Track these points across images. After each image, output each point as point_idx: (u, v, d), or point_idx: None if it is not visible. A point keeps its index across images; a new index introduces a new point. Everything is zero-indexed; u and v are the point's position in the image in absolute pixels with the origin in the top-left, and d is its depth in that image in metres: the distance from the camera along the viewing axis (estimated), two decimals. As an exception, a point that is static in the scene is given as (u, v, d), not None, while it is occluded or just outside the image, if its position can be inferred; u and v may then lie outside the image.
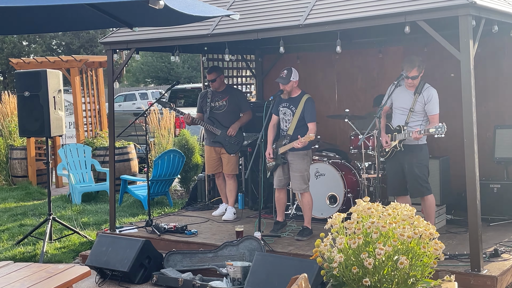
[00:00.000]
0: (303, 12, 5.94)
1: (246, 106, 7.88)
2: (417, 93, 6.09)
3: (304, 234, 6.56)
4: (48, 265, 4.95)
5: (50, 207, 7.49)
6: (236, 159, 7.80)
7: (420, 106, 6.07)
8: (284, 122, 6.72)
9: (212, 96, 7.79)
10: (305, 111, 6.55)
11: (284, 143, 6.61)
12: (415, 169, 6.09)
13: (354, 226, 4.05)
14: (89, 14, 5.02)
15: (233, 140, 7.66)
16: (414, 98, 6.08)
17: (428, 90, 6.07)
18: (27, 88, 7.27)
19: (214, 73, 7.77)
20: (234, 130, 7.64)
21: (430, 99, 6.03)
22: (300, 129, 6.53)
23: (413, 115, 6.10)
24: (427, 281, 4.03)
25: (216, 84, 7.77)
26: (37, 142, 11.89)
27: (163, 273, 5.97)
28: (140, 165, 11.87)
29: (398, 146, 6.11)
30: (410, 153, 6.10)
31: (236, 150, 7.71)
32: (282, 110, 6.72)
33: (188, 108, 15.68)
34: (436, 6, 5.20)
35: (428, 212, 6.15)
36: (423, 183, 6.11)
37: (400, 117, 6.18)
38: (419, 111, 6.09)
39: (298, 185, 6.61)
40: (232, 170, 7.76)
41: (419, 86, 6.11)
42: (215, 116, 7.74)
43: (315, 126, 6.55)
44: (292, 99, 6.65)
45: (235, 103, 7.75)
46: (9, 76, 33.17)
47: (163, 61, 32.67)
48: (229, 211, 7.70)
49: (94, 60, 11.97)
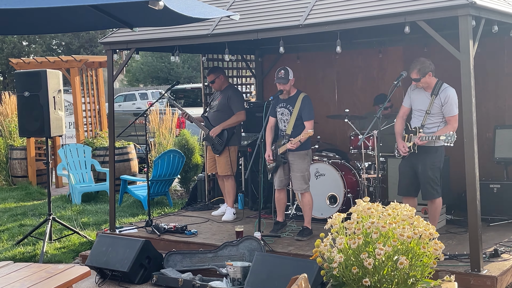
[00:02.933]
0: (303, 12, 5.94)
1: (236, 106, 7.62)
2: (434, 94, 5.95)
3: (304, 234, 6.55)
4: (48, 265, 4.95)
5: (50, 207, 7.49)
6: (226, 160, 7.62)
7: (437, 108, 5.94)
8: (282, 122, 6.71)
9: (214, 95, 7.86)
10: (302, 109, 6.54)
11: (283, 143, 6.61)
12: (428, 171, 5.98)
13: (354, 226, 4.05)
14: (89, 15, 5.01)
15: (216, 140, 7.57)
16: (431, 100, 5.96)
17: (445, 91, 5.92)
18: (27, 88, 7.27)
19: (211, 74, 7.76)
20: (215, 132, 7.54)
21: (447, 100, 5.88)
22: (299, 128, 6.53)
23: (429, 117, 5.97)
24: (427, 281, 4.03)
25: (216, 85, 7.76)
26: (37, 142, 11.90)
27: (163, 273, 5.97)
28: (140, 165, 11.88)
29: (412, 148, 5.99)
30: (425, 154, 5.99)
31: (220, 151, 7.57)
32: (279, 111, 6.71)
33: (188, 108, 15.71)
34: (436, 6, 5.20)
35: (434, 214, 6.12)
36: (434, 186, 6.02)
37: (418, 119, 6.07)
38: (436, 113, 5.96)
39: (299, 185, 6.61)
40: (223, 171, 7.63)
41: (436, 87, 5.97)
42: (208, 115, 7.78)
43: (311, 124, 6.52)
44: (289, 99, 6.66)
45: (224, 103, 7.61)
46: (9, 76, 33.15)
47: (163, 61, 32.65)
48: (229, 212, 7.68)
49: (94, 60, 11.97)
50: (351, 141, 7.50)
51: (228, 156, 7.63)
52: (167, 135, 11.15)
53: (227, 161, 7.63)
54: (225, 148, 7.58)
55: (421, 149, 5.99)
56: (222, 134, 7.57)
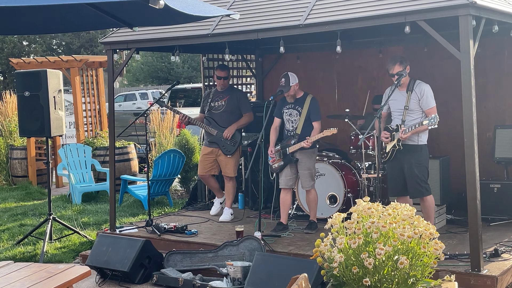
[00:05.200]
0: (303, 12, 5.94)
1: (246, 107, 7.68)
2: (409, 90, 6.09)
3: (312, 228, 6.81)
4: (48, 265, 4.95)
5: (50, 207, 7.49)
6: (235, 161, 7.61)
7: (415, 103, 6.06)
8: (290, 122, 6.83)
9: (213, 96, 7.72)
10: (310, 110, 6.73)
11: (293, 142, 6.72)
12: (414, 169, 6.08)
13: (354, 226, 4.05)
14: (89, 14, 5.02)
15: (228, 141, 7.50)
16: (407, 96, 6.08)
17: (420, 85, 6.07)
18: (27, 88, 7.27)
19: (226, 71, 7.68)
20: (230, 132, 7.47)
21: (423, 94, 6.02)
22: (307, 128, 6.73)
23: (409, 113, 6.09)
24: (427, 281, 4.03)
25: (225, 83, 7.64)
26: (37, 142, 11.90)
27: (163, 273, 5.98)
28: (140, 165, 11.88)
29: (397, 145, 6.10)
30: (410, 153, 6.10)
31: (232, 152, 7.52)
32: (287, 112, 6.83)
33: (189, 108, 15.72)
34: (436, 6, 5.20)
35: (428, 213, 6.15)
36: (422, 184, 6.10)
37: (398, 117, 6.19)
38: (415, 108, 6.07)
39: (307, 182, 6.78)
40: (231, 172, 7.60)
41: (410, 84, 6.10)
42: (213, 116, 7.64)
43: (320, 124, 6.73)
44: (297, 100, 6.81)
45: (234, 103, 7.59)
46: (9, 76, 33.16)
47: (163, 61, 32.65)
48: (226, 212, 7.65)
49: (94, 60, 11.97)
50: (351, 141, 7.51)
51: (238, 157, 7.67)
52: (168, 134, 11.15)
53: (236, 162, 7.63)
54: (237, 149, 7.59)
55: (406, 148, 6.08)
56: (234, 135, 7.53)
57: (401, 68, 6.04)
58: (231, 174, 7.62)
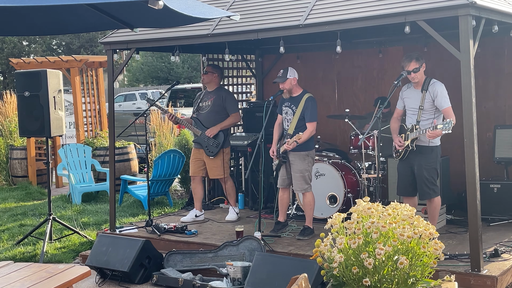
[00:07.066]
0: (303, 12, 5.94)
1: (232, 108, 7.51)
2: (424, 90, 6.01)
3: (305, 234, 6.55)
4: (48, 265, 4.95)
5: (50, 207, 7.49)
6: (221, 163, 7.47)
7: (429, 103, 5.99)
8: (286, 121, 6.71)
9: (202, 97, 7.67)
10: (305, 110, 6.52)
11: (284, 142, 6.61)
12: (423, 171, 6.02)
13: (354, 226, 4.05)
14: (90, 16, 5.01)
15: (211, 141, 7.39)
16: (422, 96, 6.01)
17: (434, 85, 5.98)
18: (27, 88, 7.27)
19: (209, 67, 7.68)
20: (212, 132, 7.36)
21: (437, 94, 5.93)
22: (301, 128, 6.50)
23: (423, 113, 6.01)
24: (427, 281, 4.03)
25: (206, 79, 7.57)
26: (37, 142, 11.90)
27: (163, 273, 5.97)
28: (140, 165, 11.88)
29: (410, 145, 6.02)
30: (420, 155, 6.03)
31: (214, 153, 7.40)
32: (284, 110, 6.72)
33: (189, 108, 15.72)
34: (436, 6, 5.20)
35: (433, 214, 6.14)
36: (430, 185, 6.05)
37: (412, 117, 6.12)
38: (429, 108, 6.00)
39: (299, 185, 6.60)
40: (218, 174, 7.50)
41: (425, 83, 6.03)
42: (199, 116, 7.57)
43: (314, 126, 6.51)
44: (293, 98, 6.65)
45: (219, 104, 7.48)
46: (9, 76, 33.17)
47: (163, 61, 32.65)
48: (232, 212, 7.65)
49: (94, 60, 11.97)
50: (351, 141, 7.51)
51: (222, 159, 7.48)
52: (168, 135, 11.15)
53: (220, 163, 7.47)
54: (220, 150, 7.45)
55: (417, 149, 6.03)
56: (217, 136, 7.41)
57: (418, 65, 5.96)
58: (220, 176, 7.53)
